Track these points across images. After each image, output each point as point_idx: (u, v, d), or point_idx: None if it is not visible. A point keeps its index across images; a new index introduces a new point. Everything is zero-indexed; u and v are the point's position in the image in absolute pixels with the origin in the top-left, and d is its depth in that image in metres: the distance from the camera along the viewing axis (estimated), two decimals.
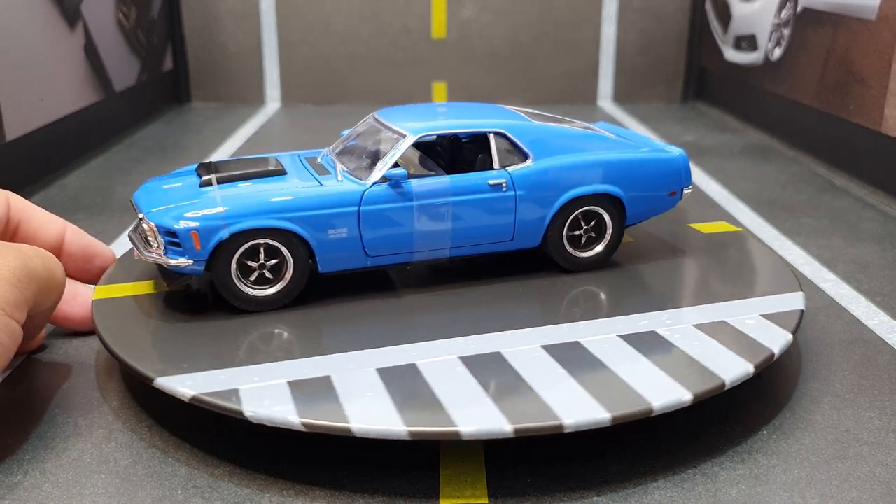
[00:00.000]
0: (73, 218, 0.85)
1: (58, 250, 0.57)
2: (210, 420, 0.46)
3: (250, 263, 0.53)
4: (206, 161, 0.59)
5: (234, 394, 0.43)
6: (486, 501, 0.40)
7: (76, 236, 0.59)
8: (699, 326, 0.51)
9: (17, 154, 0.94)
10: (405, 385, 0.44)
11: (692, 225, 0.72)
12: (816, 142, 1.12)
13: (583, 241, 0.61)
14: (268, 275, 0.53)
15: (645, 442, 0.45)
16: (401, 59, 1.60)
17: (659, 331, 0.51)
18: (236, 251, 0.52)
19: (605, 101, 1.62)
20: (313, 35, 1.58)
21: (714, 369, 0.45)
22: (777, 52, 1.26)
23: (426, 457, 0.44)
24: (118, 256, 0.62)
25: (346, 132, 0.64)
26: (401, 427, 0.40)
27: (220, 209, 0.52)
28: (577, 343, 0.49)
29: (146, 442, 0.45)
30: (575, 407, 0.42)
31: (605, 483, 0.42)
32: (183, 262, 0.51)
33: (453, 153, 0.64)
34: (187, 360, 0.47)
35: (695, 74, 1.61)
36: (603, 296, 0.58)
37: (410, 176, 0.56)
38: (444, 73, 1.61)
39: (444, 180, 0.56)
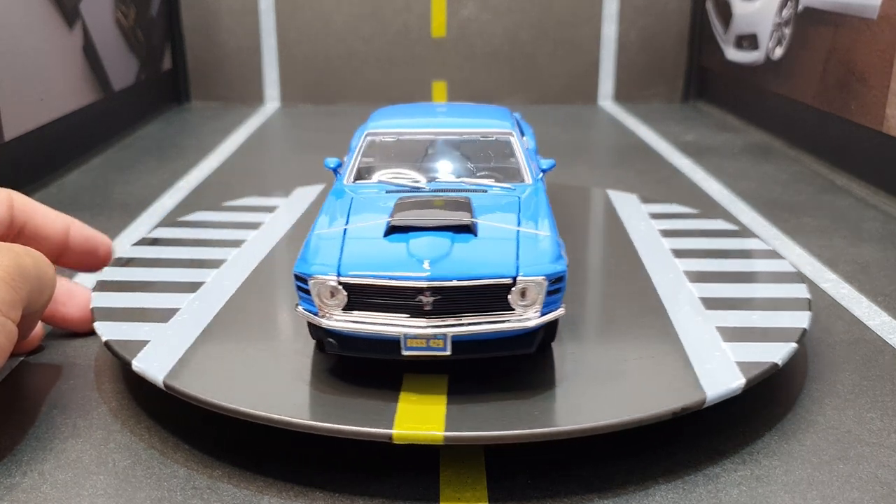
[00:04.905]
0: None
1: (64, 245, 0.57)
2: (209, 421, 0.46)
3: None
4: (394, 224, 0.47)
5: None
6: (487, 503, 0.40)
7: (80, 230, 0.59)
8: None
9: (16, 153, 0.94)
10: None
11: None
12: (817, 141, 1.12)
13: None
14: None
15: (646, 444, 0.45)
16: (401, 58, 1.59)
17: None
18: None
19: (606, 100, 1.62)
20: (313, 34, 1.58)
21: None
22: (778, 52, 1.25)
23: (426, 458, 0.43)
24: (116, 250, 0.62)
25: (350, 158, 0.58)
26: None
27: (555, 242, 0.47)
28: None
29: (145, 443, 0.45)
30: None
31: (606, 485, 0.41)
32: (560, 312, 0.46)
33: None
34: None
35: (696, 73, 1.61)
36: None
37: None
38: (444, 72, 1.61)
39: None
